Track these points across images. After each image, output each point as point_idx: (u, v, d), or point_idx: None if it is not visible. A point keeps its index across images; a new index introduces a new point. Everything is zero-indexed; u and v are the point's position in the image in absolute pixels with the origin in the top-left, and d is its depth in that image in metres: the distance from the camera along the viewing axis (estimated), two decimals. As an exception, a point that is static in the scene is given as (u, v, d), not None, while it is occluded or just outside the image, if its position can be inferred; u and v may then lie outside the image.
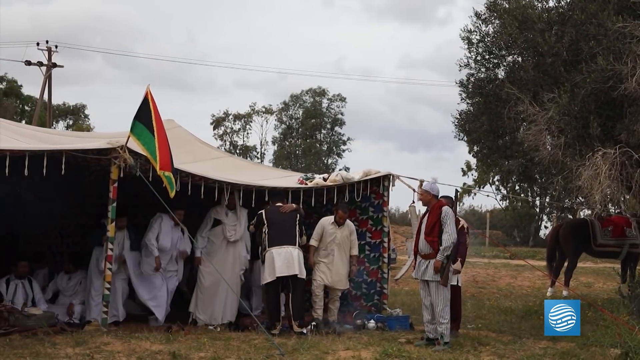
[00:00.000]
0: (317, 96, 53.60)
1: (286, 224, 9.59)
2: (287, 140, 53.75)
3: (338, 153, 53.75)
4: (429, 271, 8.60)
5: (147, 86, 8.49)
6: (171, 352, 7.38)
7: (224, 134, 53.28)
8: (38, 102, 33.93)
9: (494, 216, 41.12)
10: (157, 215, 9.95)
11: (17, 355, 6.95)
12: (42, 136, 11.06)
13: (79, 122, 48.45)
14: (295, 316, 9.27)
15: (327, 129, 54.02)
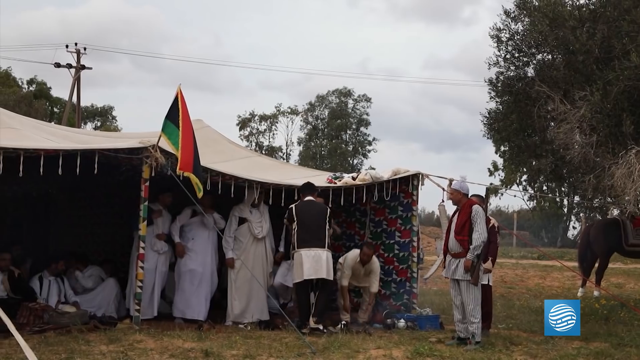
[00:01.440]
0: (342, 97, 53.68)
1: (316, 223, 9.51)
2: (312, 141, 53.90)
3: (363, 153, 53.86)
4: (459, 270, 8.56)
5: (178, 86, 8.53)
6: (203, 349, 7.41)
7: (250, 135, 53.54)
8: (67, 103, 34.30)
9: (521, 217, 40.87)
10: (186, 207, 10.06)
11: (53, 352, 7.02)
12: (73, 136, 11.15)
13: (107, 123, 48.94)
14: (314, 313, 9.26)
15: (352, 130, 54.08)
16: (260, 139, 54.19)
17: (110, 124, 49.28)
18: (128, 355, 7.02)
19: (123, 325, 8.82)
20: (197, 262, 10.08)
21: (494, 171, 42.35)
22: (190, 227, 10.16)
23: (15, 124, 9.67)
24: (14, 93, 38.35)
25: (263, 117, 54.16)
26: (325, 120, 54.03)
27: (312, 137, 54.12)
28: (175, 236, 10.00)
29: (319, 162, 50.43)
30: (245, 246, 10.09)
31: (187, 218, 10.10)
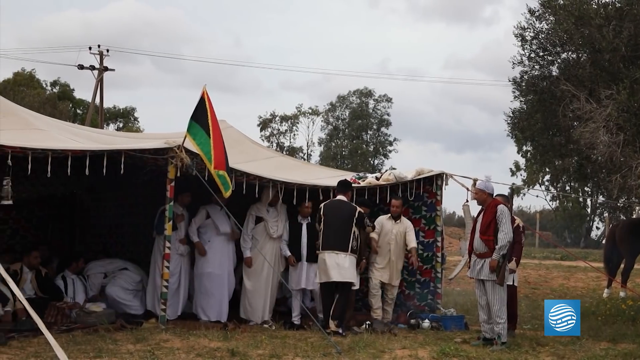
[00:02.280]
0: (363, 97, 53.62)
1: (341, 225, 9.42)
2: (333, 141, 53.88)
3: (384, 154, 53.79)
4: (485, 270, 8.51)
5: (204, 86, 8.59)
6: (229, 349, 7.44)
7: (271, 136, 53.63)
8: (90, 105, 34.59)
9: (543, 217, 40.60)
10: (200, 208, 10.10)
11: (81, 351, 7.08)
12: (97, 137, 11.23)
13: (129, 124, 49.22)
14: (334, 316, 9.22)
15: (373, 130, 54.00)
16: (281, 140, 54.31)
17: (133, 125, 49.55)
18: (155, 355, 7.06)
19: (149, 325, 8.88)
20: (214, 264, 10.11)
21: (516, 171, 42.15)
22: (205, 229, 10.16)
23: (41, 125, 9.76)
24: (38, 95, 38.73)
25: (284, 118, 54.26)
26: (346, 121, 54.02)
27: (332, 138, 54.11)
28: (194, 236, 10.02)
29: (339, 162, 50.42)
30: (261, 245, 10.10)
31: (202, 219, 10.11)
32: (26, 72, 43.96)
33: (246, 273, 10.25)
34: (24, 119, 9.78)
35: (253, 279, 10.18)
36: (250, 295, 10.14)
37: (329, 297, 9.44)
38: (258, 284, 10.15)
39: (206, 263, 10.07)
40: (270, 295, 10.18)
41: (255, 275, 10.18)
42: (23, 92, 36.81)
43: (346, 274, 9.33)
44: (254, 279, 10.17)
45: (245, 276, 10.27)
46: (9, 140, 7.64)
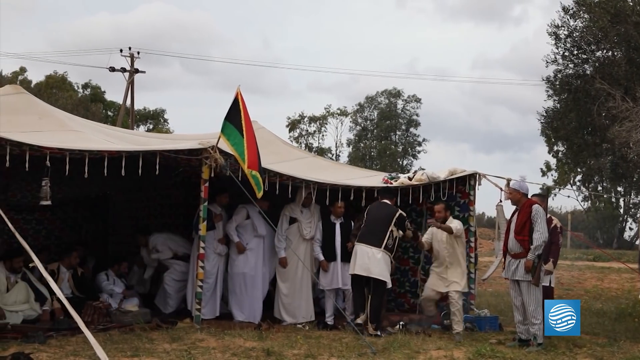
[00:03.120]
0: (392, 97, 53.47)
1: (379, 222, 9.41)
2: (362, 142, 53.80)
3: (413, 154, 53.59)
4: (520, 271, 8.44)
5: (238, 87, 8.60)
6: (264, 349, 7.45)
7: (299, 136, 53.69)
8: (121, 106, 34.87)
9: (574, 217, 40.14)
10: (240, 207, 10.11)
11: (118, 350, 7.14)
12: (131, 138, 11.32)
13: (159, 126, 49.58)
14: (371, 319, 9.19)
15: (402, 130, 53.83)
16: (309, 141, 54.37)
17: (162, 126, 49.89)
18: (192, 354, 7.10)
19: (183, 324, 8.93)
20: (249, 265, 10.14)
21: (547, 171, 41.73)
22: (243, 229, 10.19)
23: (76, 127, 9.85)
24: (71, 97, 39.19)
25: (312, 119, 54.31)
26: (375, 121, 53.92)
27: (361, 138, 54.05)
28: (234, 236, 10.06)
29: (368, 163, 50.30)
30: (295, 246, 10.11)
31: (242, 219, 10.15)
32: (58, 74, 44.54)
33: (280, 274, 10.27)
34: (60, 120, 9.89)
35: (287, 279, 10.20)
36: (284, 296, 10.16)
37: (358, 291, 9.43)
38: (292, 285, 10.17)
39: (242, 263, 10.09)
40: (308, 295, 10.19)
41: (289, 276, 10.20)
42: (56, 95, 37.28)
43: (379, 271, 9.25)
44: (288, 280, 10.19)
45: (278, 277, 10.29)
46: (46, 142, 7.74)
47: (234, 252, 10.17)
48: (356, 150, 53.60)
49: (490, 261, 18.88)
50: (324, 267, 10.14)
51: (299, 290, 10.19)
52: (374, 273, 9.25)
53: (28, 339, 7.45)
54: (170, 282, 10.60)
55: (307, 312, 10.20)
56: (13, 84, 12.61)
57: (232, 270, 10.15)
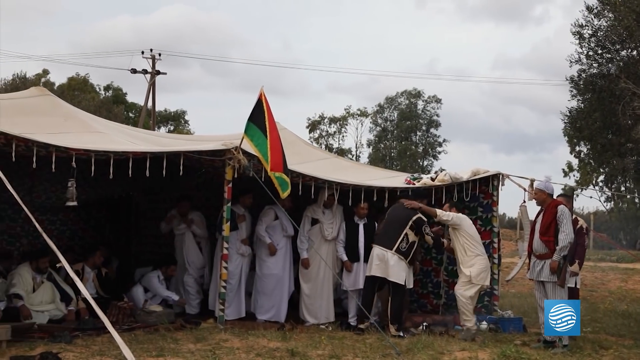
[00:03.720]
0: (412, 98, 53.33)
1: (395, 225, 9.44)
2: (382, 143, 53.70)
3: (434, 155, 53.40)
4: (545, 272, 8.38)
5: (261, 88, 8.61)
6: (289, 349, 7.46)
7: (319, 137, 53.71)
8: (143, 108, 35.07)
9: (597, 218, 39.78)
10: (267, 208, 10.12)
11: (143, 349, 7.18)
12: (154, 139, 11.37)
13: (180, 127, 49.80)
14: (392, 320, 9.20)
15: (422, 131, 53.66)
16: (329, 141, 54.36)
17: (183, 127, 50.13)
18: (216, 354, 7.12)
19: (207, 325, 8.97)
20: (278, 266, 10.18)
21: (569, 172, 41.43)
22: (272, 230, 10.22)
23: (101, 128, 9.93)
24: (93, 99, 39.48)
25: (333, 120, 54.31)
26: (395, 122, 53.80)
27: (381, 139, 53.96)
28: (266, 237, 10.08)
29: (388, 163, 50.19)
30: (316, 247, 10.11)
31: (271, 219, 10.18)
32: (80, 76, 44.90)
33: (302, 275, 10.30)
34: (84, 121, 9.98)
35: (309, 280, 10.22)
36: (306, 296, 10.18)
37: (369, 292, 9.44)
38: (315, 286, 10.19)
39: (272, 264, 10.14)
40: (329, 296, 10.22)
41: (312, 277, 10.22)
42: (79, 97, 37.57)
43: (391, 272, 9.28)
44: (311, 281, 10.21)
45: (301, 278, 10.32)
46: (72, 143, 7.80)
47: (263, 253, 10.20)
48: (376, 151, 53.52)
49: (512, 262, 18.78)
50: (348, 268, 10.13)
51: (321, 291, 10.21)
52: (390, 276, 9.27)
53: (54, 338, 7.51)
54: (191, 284, 10.66)
55: (328, 313, 10.20)
56: (37, 86, 12.73)
57: (262, 271, 10.17)
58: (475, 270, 9.23)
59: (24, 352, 6.87)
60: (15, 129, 7.39)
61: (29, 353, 6.79)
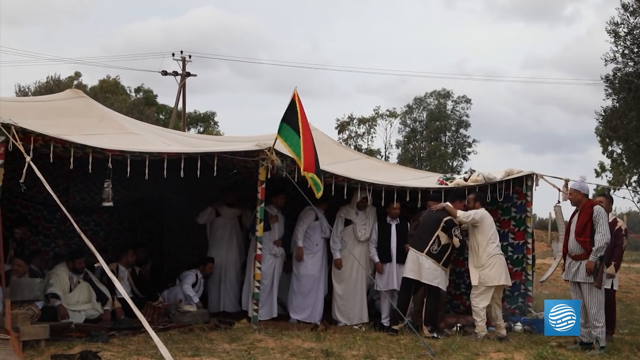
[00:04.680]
0: (441, 98, 53.10)
1: (427, 227, 9.41)
2: (411, 143, 53.53)
3: (463, 155, 53.12)
4: (581, 273, 8.27)
5: (295, 88, 8.62)
6: (323, 349, 7.46)
7: (349, 138, 53.68)
8: (173, 110, 35.31)
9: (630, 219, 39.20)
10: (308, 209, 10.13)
11: (179, 349, 7.22)
12: (187, 140, 11.46)
13: (209, 129, 50.09)
14: (426, 321, 9.16)
15: (451, 131, 53.40)
16: (358, 142, 54.30)
17: (213, 129, 50.43)
18: (251, 354, 7.14)
19: (240, 325, 9.01)
20: (316, 267, 10.24)
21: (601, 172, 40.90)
22: (314, 230, 10.25)
23: (135, 129, 10.02)
24: (124, 101, 39.88)
25: (361, 120, 54.25)
26: (424, 123, 53.60)
27: (410, 140, 53.79)
28: (299, 240, 10.12)
29: (417, 164, 50.01)
30: (349, 247, 10.10)
31: (311, 220, 10.21)
32: (111, 79, 45.38)
33: (335, 275, 10.31)
34: (119, 123, 10.08)
35: (342, 281, 10.23)
36: (340, 297, 10.18)
37: (404, 293, 9.40)
38: (347, 286, 10.19)
39: (309, 265, 10.20)
40: (362, 297, 10.21)
41: (345, 278, 10.22)
42: (110, 99, 37.95)
43: (427, 275, 9.24)
44: (344, 282, 10.21)
45: (334, 279, 10.33)
46: (108, 144, 7.88)
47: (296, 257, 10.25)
48: (405, 152, 53.37)
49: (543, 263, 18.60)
50: (379, 269, 10.11)
51: (354, 291, 10.21)
52: (422, 278, 9.24)
53: (91, 338, 7.59)
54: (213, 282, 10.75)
55: (361, 314, 10.19)
56: (70, 88, 12.88)
57: (300, 272, 10.23)
58: (489, 273, 9.10)
59: (63, 350, 6.95)
60: (52, 130, 7.47)
61: (68, 352, 6.86)
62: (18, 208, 11.64)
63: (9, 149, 6.83)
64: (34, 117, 8.52)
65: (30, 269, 9.03)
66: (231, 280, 10.79)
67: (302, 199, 8.96)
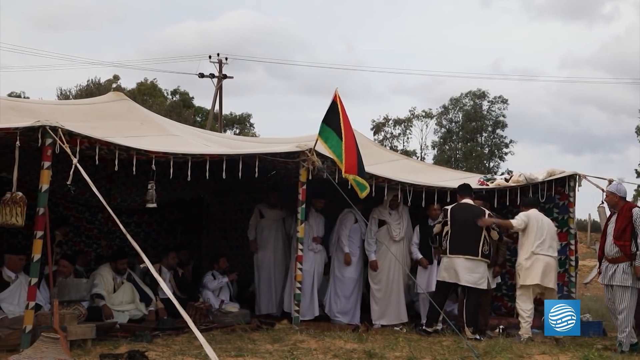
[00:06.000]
0: (476, 99, 52.73)
1: (472, 229, 9.13)
2: (447, 144, 53.25)
3: (500, 156, 52.67)
4: (617, 276, 8.14)
5: (336, 89, 8.60)
6: (366, 350, 7.42)
7: (384, 139, 53.58)
8: (210, 112, 35.52)
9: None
10: (347, 211, 10.14)
11: (222, 349, 7.25)
12: (227, 142, 11.52)
13: (245, 130, 50.36)
14: (468, 323, 9.07)
15: (488, 132, 52.99)
16: (394, 143, 54.16)
17: (248, 131, 50.70)
18: (294, 355, 7.15)
19: (281, 326, 9.03)
20: (358, 270, 10.26)
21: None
22: (354, 232, 10.28)
23: (176, 131, 10.11)
24: (161, 104, 40.26)
25: (397, 121, 54.11)
26: (460, 123, 53.27)
27: (446, 141, 53.50)
28: (345, 246, 10.15)
29: (453, 165, 49.75)
30: (385, 248, 10.06)
31: (352, 223, 10.23)
32: (148, 81, 45.82)
33: (371, 277, 10.29)
34: (160, 125, 10.17)
35: (379, 282, 10.21)
36: (377, 298, 10.16)
37: (441, 296, 9.28)
38: (384, 287, 10.17)
39: (353, 267, 10.23)
40: (400, 297, 10.18)
41: (382, 279, 10.20)
42: (149, 101, 38.34)
43: (476, 279, 9.10)
44: (381, 282, 10.19)
45: (370, 280, 10.31)
46: (151, 146, 7.96)
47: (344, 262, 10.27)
48: (441, 153, 53.10)
49: (583, 265, 18.33)
50: (424, 264, 10.03)
51: (390, 292, 10.18)
52: (471, 283, 9.11)
53: (136, 337, 7.67)
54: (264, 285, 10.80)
55: (400, 314, 10.15)
56: (109, 91, 13.05)
57: (343, 274, 10.24)
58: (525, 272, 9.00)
59: (109, 350, 7.03)
60: (96, 132, 7.57)
61: (114, 352, 6.94)
62: (61, 210, 11.84)
63: (55, 151, 6.93)
64: (78, 120, 8.63)
65: (75, 269, 9.17)
66: (277, 283, 10.82)
67: (340, 200, 8.96)
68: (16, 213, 6.85)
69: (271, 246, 10.95)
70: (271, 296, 10.82)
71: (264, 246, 11.00)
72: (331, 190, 8.91)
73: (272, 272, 10.87)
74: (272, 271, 10.89)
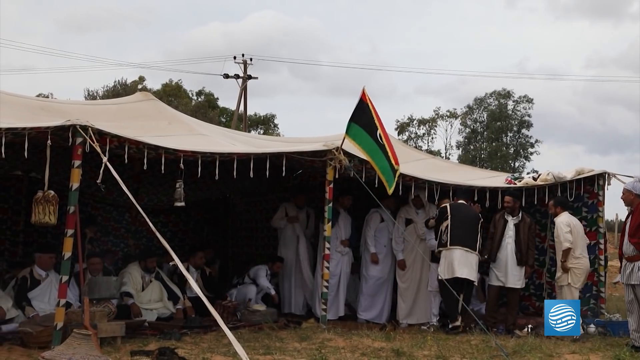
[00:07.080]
0: (501, 98, 52.40)
1: (471, 224, 9.44)
2: (472, 144, 52.97)
3: (525, 156, 52.29)
4: (635, 274, 8.04)
5: (363, 88, 8.61)
6: (394, 349, 7.42)
7: (408, 139, 53.45)
8: (235, 112, 35.67)
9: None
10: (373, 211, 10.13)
11: (250, 347, 7.28)
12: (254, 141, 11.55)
13: (269, 131, 50.48)
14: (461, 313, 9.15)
15: (513, 132, 52.64)
16: (418, 143, 53.99)
17: (273, 131, 50.81)
18: (322, 353, 7.15)
19: (308, 324, 9.05)
20: (385, 269, 10.29)
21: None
22: (381, 232, 10.29)
23: (203, 131, 10.15)
24: (186, 104, 40.49)
25: (421, 121, 53.96)
26: (484, 123, 52.98)
27: (471, 141, 53.24)
28: (372, 246, 10.17)
29: (478, 165, 49.43)
30: (412, 247, 10.06)
31: (377, 223, 10.22)
32: (173, 82, 46.11)
33: (399, 276, 10.29)
34: (187, 124, 10.24)
35: (407, 281, 10.20)
36: (405, 297, 10.14)
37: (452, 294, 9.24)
38: (412, 286, 10.16)
39: (380, 266, 10.24)
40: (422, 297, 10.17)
41: (409, 278, 10.18)
42: (174, 102, 38.58)
43: (474, 272, 9.38)
44: (408, 281, 10.18)
45: (399, 279, 10.31)
46: (179, 145, 8.00)
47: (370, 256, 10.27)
48: (466, 153, 52.85)
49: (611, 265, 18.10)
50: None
51: (418, 291, 10.15)
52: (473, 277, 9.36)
53: (165, 335, 7.72)
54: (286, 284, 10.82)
55: (427, 314, 10.11)
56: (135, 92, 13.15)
57: (370, 273, 10.26)
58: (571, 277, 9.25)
59: (139, 347, 7.08)
60: (124, 132, 7.63)
61: (144, 349, 6.99)
62: (89, 209, 11.93)
63: (85, 150, 7.00)
64: (106, 120, 8.69)
65: (104, 267, 9.25)
66: (298, 282, 10.82)
67: (366, 200, 8.95)
68: (49, 211, 6.94)
69: (294, 246, 10.94)
70: (294, 295, 10.82)
71: (286, 245, 11.00)
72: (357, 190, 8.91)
73: (294, 271, 10.86)
74: (294, 271, 10.88)
